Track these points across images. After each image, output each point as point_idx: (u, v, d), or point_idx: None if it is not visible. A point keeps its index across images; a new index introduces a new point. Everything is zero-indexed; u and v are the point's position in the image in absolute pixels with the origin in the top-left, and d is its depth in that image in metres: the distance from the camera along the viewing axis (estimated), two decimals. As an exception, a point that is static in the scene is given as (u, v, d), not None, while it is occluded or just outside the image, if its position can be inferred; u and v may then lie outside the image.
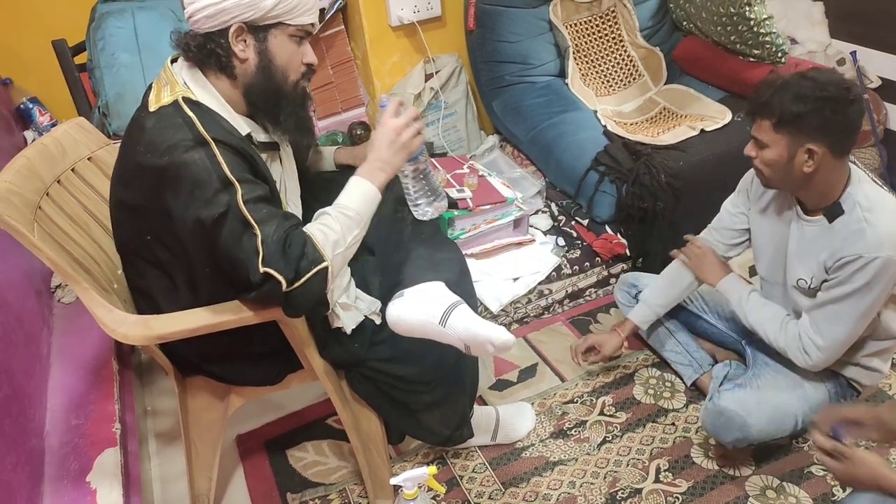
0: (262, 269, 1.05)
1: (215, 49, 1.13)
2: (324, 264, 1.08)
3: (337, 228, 1.13)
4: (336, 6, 2.40)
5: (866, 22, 2.50)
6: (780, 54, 2.30)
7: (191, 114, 1.08)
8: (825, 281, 1.40)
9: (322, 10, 2.36)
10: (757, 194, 1.57)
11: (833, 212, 1.37)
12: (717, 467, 1.59)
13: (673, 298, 1.75)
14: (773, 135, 1.31)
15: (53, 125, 2.32)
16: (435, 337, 1.22)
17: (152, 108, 1.11)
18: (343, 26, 2.49)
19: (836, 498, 1.50)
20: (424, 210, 1.35)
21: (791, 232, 1.47)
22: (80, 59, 2.11)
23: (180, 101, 1.10)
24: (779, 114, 1.29)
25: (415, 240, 1.35)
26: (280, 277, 1.05)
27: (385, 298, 1.30)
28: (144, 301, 1.26)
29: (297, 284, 1.06)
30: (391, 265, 1.33)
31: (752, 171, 1.53)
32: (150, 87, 1.17)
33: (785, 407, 1.46)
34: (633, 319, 1.76)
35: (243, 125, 1.18)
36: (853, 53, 2.50)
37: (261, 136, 1.22)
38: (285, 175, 1.30)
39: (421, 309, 1.22)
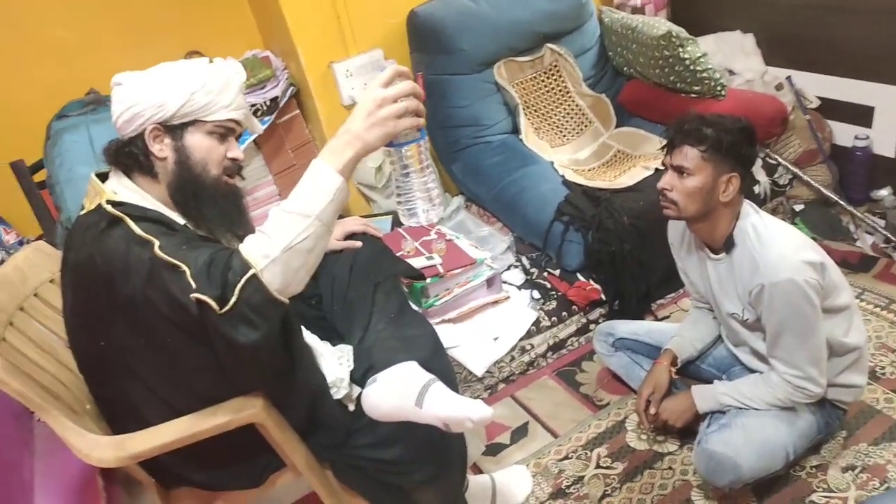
0: (192, 297, 0.99)
1: (133, 150, 1.16)
2: (251, 272, 0.99)
3: (270, 230, 1.02)
4: (289, 93, 2.46)
5: (797, 46, 2.61)
6: (719, 88, 2.40)
7: (107, 206, 1.10)
8: (758, 318, 1.47)
9: (275, 98, 2.42)
10: (676, 243, 1.67)
11: (728, 246, 1.47)
12: (718, 508, 1.57)
13: (703, 333, 1.75)
14: (700, 162, 1.39)
15: (21, 243, 2.31)
16: (413, 419, 1.21)
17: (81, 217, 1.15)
18: (298, 110, 2.55)
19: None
20: (417, 215, 1.14)
21: (709, 272, 1.56)
22: (39, 176, 2.13)
23: (103, 203, 1.12)
24: (710, 142, 1.36)
25: (382, 320, 1.35)
26: (208, 299, 0.98)
27: (359, 385, 1.29)
28: (122, 413, 1.24)
29: (230, 304, 0.98)
30: (361, 350, 1.33)
31: (670, 225, 1.59)
32: None
33: (773, 441, 1.46)
34: (672, 347, 1.73)
35: (177, 217, 1.19)
36: (789, 78, 2.60)
37: (198, 231, 1.22)
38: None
39: (395, 393, 1.21)
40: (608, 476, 1.71)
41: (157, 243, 1.06)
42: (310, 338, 1.37)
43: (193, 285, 1.00)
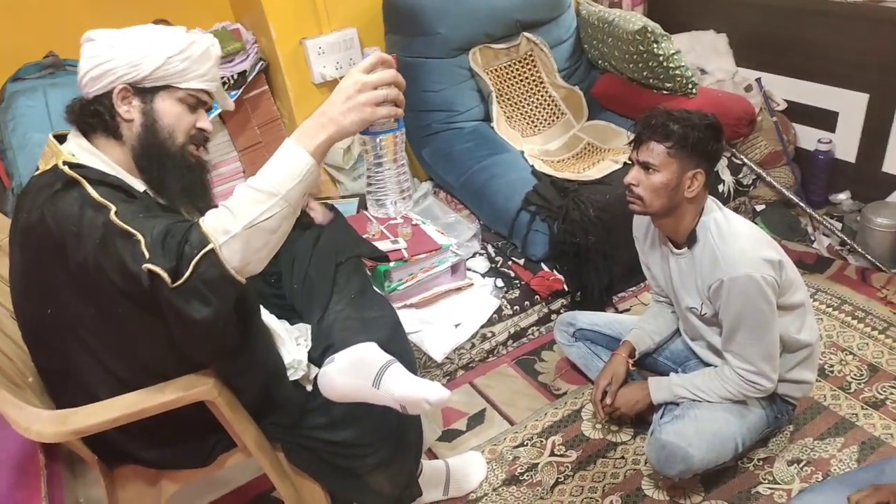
0: (144, 268, 0.96)
1: (99, 109, 1.12)
2: (209, 246, 0.96)
3: (234, 206, 0.98)
4: (258, 68, 2.41)
5: (768, 49, 2.65)
6: (690, 86, 2.41)
7: (64, 168, 1.06)
8: (716, 313, 1.49)
9: (244, 73, 2.37)
10: (640, 237, 1.68)
11: (691, 241, 1.49)
12: (667, 497, 1.59)
13: (662, 326, 1.78)
14: (666, 158, 1.39)
15: (-32, 209, 2.23)
16: (369, 400, 1.20)
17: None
18: (267, 86, 2.50)
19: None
20: (385, 206, 1.10)
21: (671, 266, 1.58)
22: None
23: (59, 164, 1.08)
24: (676, 138, 1.37)
25: (342, 300, 1.34)
26: (160, 271, 0.95)
27: (316, 364, 1.27)
28: (68, 386, 1.20)
29: (183, 277, 0.95)
30: (321, 330, 1.31)
31: (635, 219, 1.62)
32: None
33: (723, 432, 1.49)
34: (630, 339, 1.75)
35: (138, 184, 1.16)
36: (758, 80, 2.64)
37: (158, 199, 1.19)
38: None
39: (352, 372, 1.20)
40: (562, 464, 1.72)
41: (113, 209, 1.02)
42: (268, 317, 1.34)
43: (147, 255, 0.97)
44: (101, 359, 1.14)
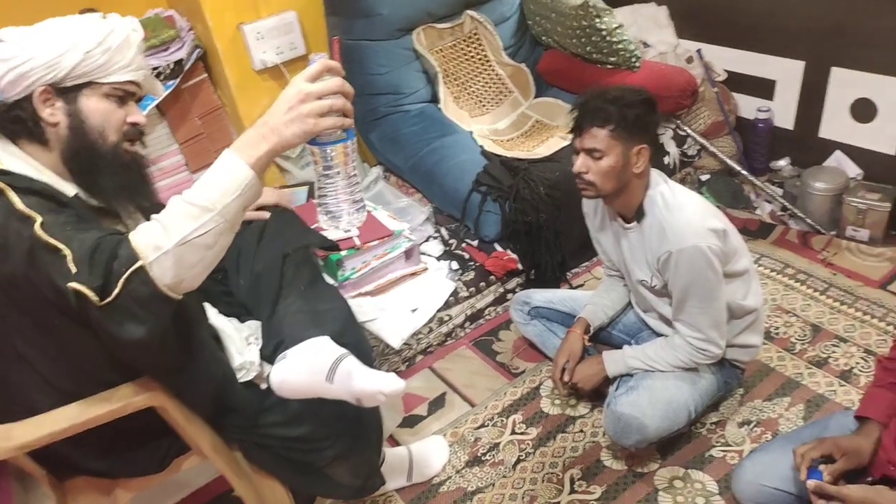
0: (69, 286, 0.91)
1: (20, 115, 1.07)
2: (139, 263, 0.91)
3: (166, 221, 0.93)
4: (194, 56, 2.33)
5: (707, 21, 2.69)
6: (633, 59, 2.43)
7: None
8: (665, 285, 1.52)
9: (180, 62, 2.29)
10: (590, 214, 1.70)
11: (639, 215, 1.51)
12: (626, 467, 1.64)
13: (615, 300, 1.80)
14: (609, 141, 1.41)
15: None
16: (324, 395, 1.18)
17: None
18: (206, 74, 2.41)
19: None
20: (339, 219, 1.03)
21: (621, 241, 1.60)
22: None
23: None
24: (616, 119, 1.38)
25: (292, 294, 1.31)
26: (86, 290, 0.90)
27: (269, 361, 1.25)
28: (8, 400, 1.15)
29: (111, 295, 0.91)
30: (271, 326, 1.28)
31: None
32: None
33: (676, 401, 1.53)
34: (584, 315, 1.78)
35: (69, 188, 1.11)
36: (699, 51, 2.68)
37: (92, 201, 1.14)
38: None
39: (305, 368, 1.18)
40: (523, 441, 1.75)
41: (38, 220, 0.97)
42: (216, 318, 1.31)
43: (74, 271, 0.93)
44: (40, 371, 1.10)
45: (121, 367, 1.10)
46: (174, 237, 0.93)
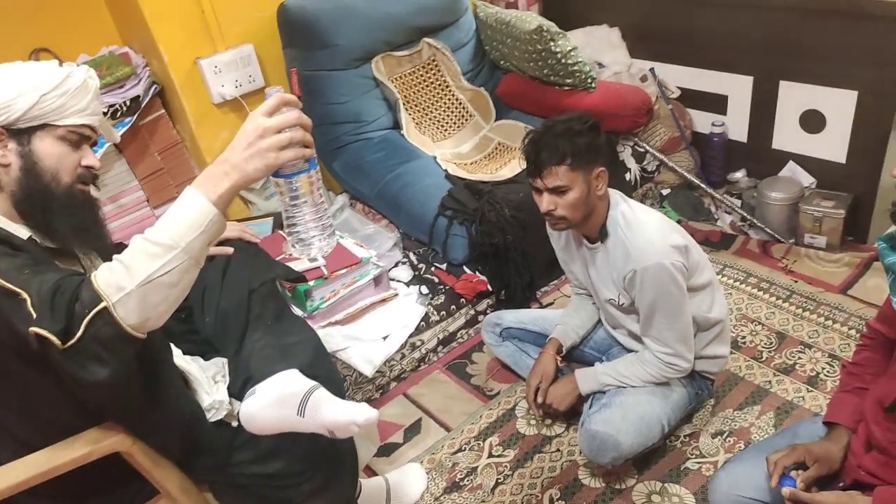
0: (30, 331, 0.89)
1: None
2: (101, 305, 0.89)
3: (129, 260, 0.92)
4: (151, 92, 2.31)
5: (658, 40, 2.77)
6: (589, 80, 2.49)
7: None
8: (633, 302, 1.54)
9: (137, 98, 2.26)
10: (555, 235, 1.73)
11: (602, 235, 1.54)
12: (603, 484, 1.64)
13: (584, 318, 1.81)
14: (571, 175, 1.42)
15: None
16: (296, 429, 1.16)
17: None
18: (164, 110, 2.40)
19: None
20: (310, 246, 1.04)
21: (587, 261, 1.63)
22: None
23: None
24: (571, 153, 1.40)
25: (259, 329, 1.29)
26: (48, 335, 0.88)
27: (237, 398, 1.23)
28: None
29: (74, 338, 0.89)
30: (239, 362, 1.26)
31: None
32: None
33: (649, 415, 1.54)
34: (556, 336, 1.78)
35: (22, 231, 1.08)
36: (652, 70, 2.75)
37: (47, 242, 1.12)
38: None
39: (275, 403, 1.16)
40: (500, 464, 1.74)
41: None
42: (180, 359, 1.28)
43: (34, 315, 0.90)
44: (1, 423, 1.06)
45: (84, 412, 1.07)
46: (137, 277, 0.91)
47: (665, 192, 2.70)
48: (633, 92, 2.56)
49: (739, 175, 2.72)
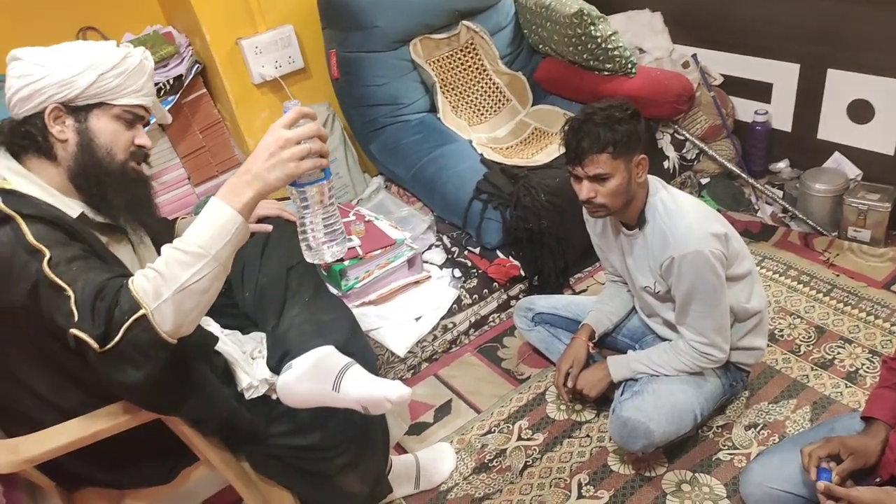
0: (70, 332, 0.93)
1: (30, 130, 1.09)
2: (140, 312, 0.94)
3: (163, 269, 0.97)
4: (193, 71, 2.35)
5: (702, 25, 2.71)
6: (629, 66, 2.45)
7: None
8: (669, 290, 1.52)
9: (179, 77, 2.30)
10: (591, 221, 1.71)
11: (640, 222, 1.52)
12: (633, 471, 1.63)
13: (618, 306, 1.80)
14: (613, 163, 1.41)
15: None
16: (330, 404, 1.19)
17: None
18: (205, 89, 2.43)
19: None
20: (321, 253, 1.07)
21: (624, 248, 1.61)
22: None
23: None
24: (613, 141, 1.39)
25: (296, 305, 1.32)
26: (87, 338, 0.93)
27: (275, 371, 1.25)
28: (16, 419, 1.15)
29: (112, 342, 0.94)
30: (276, 337, 1.29)
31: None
32: None
33: (682, 405, 1.53)
34: (589, 322, 1.78)
35: (74, 207, 1.12)
36: (694, 56, 2.69)
37: (98, 217, 1.16)
38: (143, 263, 1.24)
39: (312, 378, 1.18)
40: (529, 447, 1.75)
41: (47, 256, 0.98)
42: (224, 346, 1.30)
43: (76, 315, 0.95)
44: (41, 395, 1.11)
45: None
46: (172, 285, 0.96)
47: (704, 180, 2.66)
48: (674, 78, 2.51)
49: (782, 165, 2.65)
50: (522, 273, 2.21)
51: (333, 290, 2.04)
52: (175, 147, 2.40)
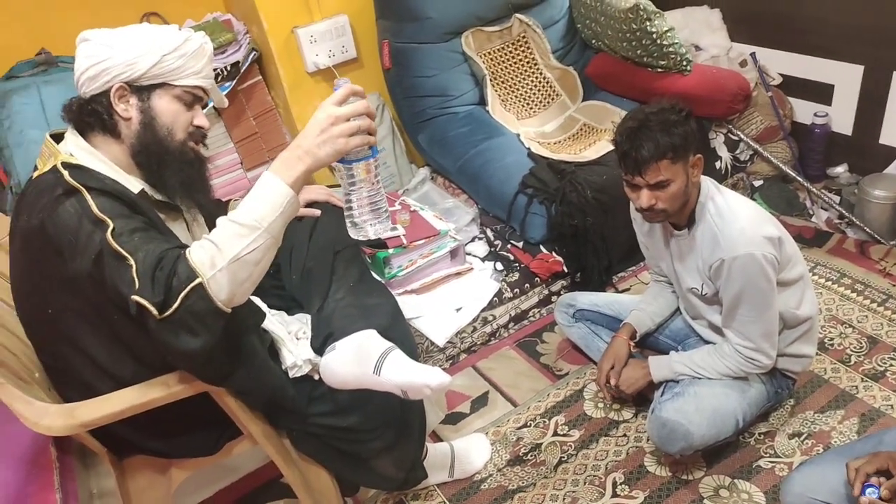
0: (132, 299, 0.98)
1: (97, 108, 1.14)
2: (197, 281, 0.98)
3: (219, 240, 1.01)
4: (250, 58, 2.40)
5: (762, 24, 2.63)
6: (684, 63, 2.40)
7: (63, 171, 1.07)
8: (717, 293, 1.49)
9: (237, 63, 2.36)
10: (639, 219, 1.68)
11: (690, 222, 1.49)
12: (670, 473, 1.61)
13: (662, 306, 1.78)
14: (672, 168, 1.39)
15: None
16: (371, 387, 1.21)
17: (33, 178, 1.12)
18: (260, 76, 2.49)
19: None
20: (364, 230, 1.11)
21: (671, 248, 1.58)
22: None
23: (59, 165, 1.09)
24: (671, 147, 1.37)
25: (341, 289, 1.35)
26: (148, 304, 0.97)
27: (318, 353, 1.29)
28: (71, 382, 1.21)
29: (170, 309, 0.98)
30: (321, 319, 1.32)
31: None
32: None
33: (724, 409, 1.50)
34: (631, 321, 1.76)
35: (135, 183, 1.17)
36: (753, 54, 2.62)
37: (156, 195, 1.21)
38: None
39: (354, 360, 1.21)
40: (565, 443, 1.74)
41: (111, 227, 1.03)
42: (270, 324, 1.34)
43: (137, 283, 0.99)
44: (100, 360, 1.16)
45: None
46: (227, 255, 1.00)
47: (757, 183, 2.59)
48: (730, 77, 2.46)
49: (840, 170, 2.57)
50: (565, 269, 2.20)
51: (377, 278, 2.07)
52: (229, 132, 2.46)
